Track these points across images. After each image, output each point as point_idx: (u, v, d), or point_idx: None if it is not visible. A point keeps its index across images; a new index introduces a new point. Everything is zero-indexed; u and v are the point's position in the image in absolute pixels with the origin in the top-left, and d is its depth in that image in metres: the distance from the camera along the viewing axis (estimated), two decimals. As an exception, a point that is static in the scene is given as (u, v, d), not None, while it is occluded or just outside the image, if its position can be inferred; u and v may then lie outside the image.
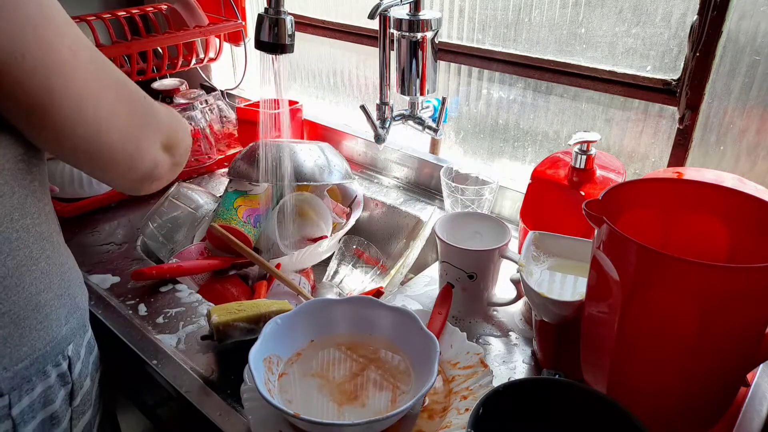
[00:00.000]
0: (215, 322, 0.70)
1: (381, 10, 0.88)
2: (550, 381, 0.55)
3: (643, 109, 0.89)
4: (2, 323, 0.56)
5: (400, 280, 0.95)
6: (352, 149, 1.26)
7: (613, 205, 0.54)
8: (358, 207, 1.06)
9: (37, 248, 0.59)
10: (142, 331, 0.78)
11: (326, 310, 0.71)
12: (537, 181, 0.82)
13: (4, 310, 0.56)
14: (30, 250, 0.58)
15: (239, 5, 1.37)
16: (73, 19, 0.52)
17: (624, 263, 0.49)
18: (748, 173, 0.81)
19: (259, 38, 0.87)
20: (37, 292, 0.59)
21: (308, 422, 0.56)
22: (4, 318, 0.56)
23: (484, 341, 0.75)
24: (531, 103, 1.01)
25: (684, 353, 0.50)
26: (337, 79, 1.33)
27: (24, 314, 0.58)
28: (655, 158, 0.90)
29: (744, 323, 0.49)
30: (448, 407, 0.63)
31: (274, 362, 0.65)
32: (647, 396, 0.54)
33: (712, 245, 0.57)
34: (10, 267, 0.56)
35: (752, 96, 0.78)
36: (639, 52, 0.86)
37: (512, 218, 1.03)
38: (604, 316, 0.54)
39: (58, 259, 0.62)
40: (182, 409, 0.69)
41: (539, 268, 0.69)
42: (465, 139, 1.14)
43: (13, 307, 0.56)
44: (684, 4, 0.80)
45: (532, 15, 0.95)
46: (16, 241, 0.56)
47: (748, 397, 0.64)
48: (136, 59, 1.24)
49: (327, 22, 1.25)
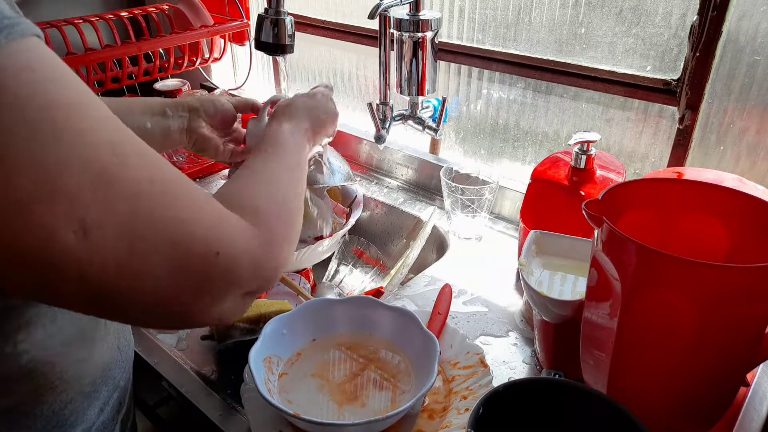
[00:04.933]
0: (215, 322, 0.70)
1: (381, 10, 0.88)
2: (550, 381, 0.55)
3: (643, 109, 0.89)
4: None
5: (400, 280, 0.95)
6: (352, 149, 1.26)
7: (613, 205, 0.54)
8: (358, 207, 1.05)
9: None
10: (142, 331, 0.78)
11: (326, 310, 0.71)
12: (537, 181, 0.82)
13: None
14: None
15: (243, 5, 1.37)
16: (75, 21, 0.46)
17: (624, 263, 0.49)
18: (748, 173, 0.81)
19: (259, 39, 0.87)
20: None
21: (308, 422, 0.56)
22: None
23: (484, 341, 0.75)
24: (531, 103, 1.01)
25: (684, 353, 0.50)
26: (337, 79, 1.33)
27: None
28: (655, 158, 0.90)
29: (744, 323, 0.49)
30: (448, 407, 0.63)
31: (274, 362, 0.65)
32: (647, 396, 0.54)
33: (711, 245, 0.57)
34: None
35: (752, 96, 0.78)
36: (639, 52, 0.86)
37: (512, 218, 1.03)
38: (603, 316, 0.54)
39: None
40: (182, 409, 0.69)
41: (539, 268, 0.69)
42: (465, 139, 1.14)
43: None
44: (684, 4, 0.80)
45: (532, 15, 0.95)
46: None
47: (748, 397, 0.64)
48: (142, 60, 1.24)
49: (327, 22, 1.25)
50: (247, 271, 0.41)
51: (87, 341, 0.48)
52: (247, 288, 0.43)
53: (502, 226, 1.02)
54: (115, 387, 0.54)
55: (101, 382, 0.51)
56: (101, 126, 0.34)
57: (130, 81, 1.27)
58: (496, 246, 0.97)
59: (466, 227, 0.97)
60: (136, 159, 0.36)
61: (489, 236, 0.99)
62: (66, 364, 0.47)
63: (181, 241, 0.37)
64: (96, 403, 0.51)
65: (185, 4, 1.36)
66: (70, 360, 0.47)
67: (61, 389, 0.47)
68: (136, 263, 0.35)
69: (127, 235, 0.34)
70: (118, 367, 0.54)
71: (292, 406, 0.61)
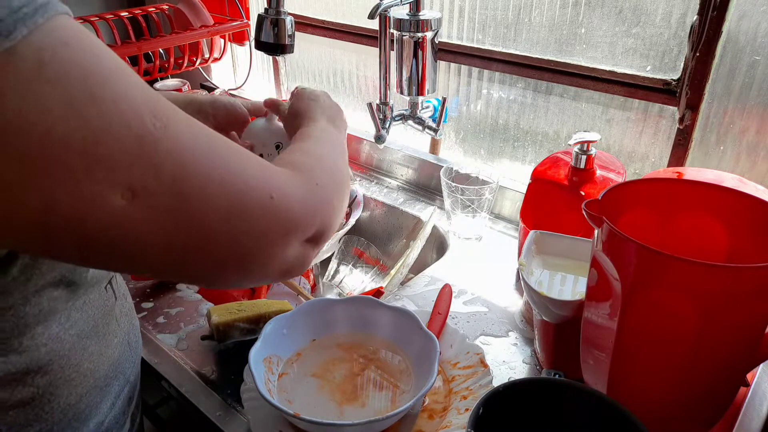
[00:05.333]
0: (215, 322, 0.70)
1: (381, 10, 0.88)
2: (549, 381, 0.55)
3: (643, 109, 0.89)
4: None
5: (400, 280, 0.95)
6: (352, 149, 1.26)
7: (613, 205, 0.54)
8: (358, 207, 1.06)
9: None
10: (142, 331, 0.78)
11: (326, 310, 0.71)
12: (537, 181, 0.82)
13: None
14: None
15: (243, 5, 1.37)
16: (76, 21, 0.47)
17: (624, 263, 0.49)
18: (748, 173, 0.81)
19: (259, 39, 0.87)
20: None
21: (308, 422, 0.56)
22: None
23: (484, 341, 0.75)
24: (531, 103, 1.01)
25: (684, 353, 0.50)
26: (337, 79, 1.33)
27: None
28: (655, 158, 0.90)
29: (744, 323, 0.49)
30: (448, 407, 0.63)
31: (274, 362, 0.65)
32: (647, 396, 0.54)
33: (712, 245, 0.57)
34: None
35: (752, 96, 0.78)
36: (639, 52, 0.86)
37: (512, 218, 1.03)
38: (603, 316, 0.54)
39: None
40: (182, 409, 0.69)
41: (539, 268, 0.69)
42: (465, 139, 1.14)
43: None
44: (684, 4, 0.80)
45: (532, 15, 0.95)
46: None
47: (748, 397, 0.64)
48: (142, 60, 1.24)
49: (327, 22, 1.25)
50: (301, 213, 0.42)
51: (100, 336, 0.50)
52: (308, 232, 0.43)
53: (502, 226, 1.02)
54: (125, 382, 0.55)
55: (113, 376, 0.53)
56: (137, 92, 0.35)
57: (131, 81, 1.27)
58: (496, 246, 0.97)
59: (466, 227, 0.97)
60: (175, 119, 0.36)
61: (489, 236, 0.99)
62: (81, 358, 0.48)
63: (235, 191, 0.37)
64: (108, 398, 0.52)
65: (185, 4, 1.36)
66: (85, 354, 0.48)
67: (76, 382, 0.48)
68: (195, 221, 0.36)
69: (179, 194, 0.35)
70: (128, 362, 0.56)
71: (292, 406, 0.61)
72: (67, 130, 0.31)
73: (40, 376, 0.45)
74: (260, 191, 0.39)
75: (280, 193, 0.40)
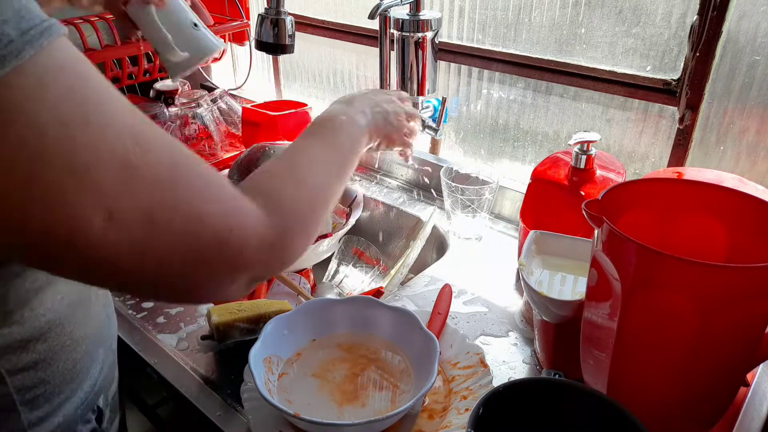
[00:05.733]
0: (215, 322, 0.70)
1: (381, 10, 0.88)
2: (550, 381, 0.55)
3: (643, 109, 0.89)
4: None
5: (400, 280, 0.95)
6: (353, 149, 1.26)
7: (613, 205, 0.54)
8: (358, 207, 1.05)
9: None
10: (142, 331, 0.78)
11: (326, 310, 0.71)
12: (537, 181, 0.82)
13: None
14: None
15: (243, 5, 1.37)
16: (74, 21, 0.48)
17: (624, 263, 0.49)
18: (748, 173, 0.81)
19: (259, 38, 0.87)
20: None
21: (308, 422, 0.56)
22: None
23: (484, 341, 0.75)
24: (531, 103, 1.01)
25: (684, 353, 0.50)
26: (337, 79, 1.33)
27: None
28: (655, 158, 0.90)
29: (744, 323, 0.49)
30: (448, 407, 0.63)
31: (274, 362, 0.65)
32: (647, 396, 0.54)
33: (711, 245, 0.57)
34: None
35: (752, 96, 0.78)
36: (639, 52, 0.86)
37: (512, 218, 1.03)
38: (603, 316, 0.54)
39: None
40: (182, 409, 0.69)
41: (539, 268, 0.69)
42: (465, 139, 1.14)
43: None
44: (684, 4, 0.80)
45: (532, 15, 0.95)
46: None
47: (748, 397, 0.64)
48: (142, 60, 1.24)
49: (327, 22, 1.25)
50: (256, 254, 0.43)
51: (84, 306, 0.55)
52: (255, 272, 0.44)
53: (502, 226, 1.02)
54: (108, 350, 0.61)
55: (98, 343, 0.58)
56: (123, 118, 0.36)
57: (131, 81, 1.27)
58: (496, 246, 0.97)
59: (466, 227, 0.97)
60: (156, 144, 0.37)
61: (489, 236, 0.99)
62: (73, 325, 0.53)
63: (196, 231, 0.39)
64: (96, 364, 0.58)
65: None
66: (76, 322, 0.53)
67: (71, 348, 0.53)
68: (158, 244, 0.37)
69: (149, 219, 0.36)
70: (108, 330, 0.61)
71: (292, 406, 0.61)
72: (60, 151, 0.33)
73: (40, 343, 0.50)
74: (221, 225, 0.40)
75: (239, 233, 0.41)
